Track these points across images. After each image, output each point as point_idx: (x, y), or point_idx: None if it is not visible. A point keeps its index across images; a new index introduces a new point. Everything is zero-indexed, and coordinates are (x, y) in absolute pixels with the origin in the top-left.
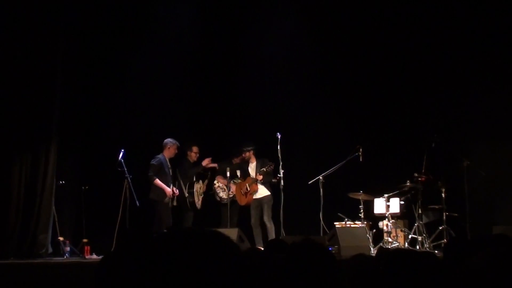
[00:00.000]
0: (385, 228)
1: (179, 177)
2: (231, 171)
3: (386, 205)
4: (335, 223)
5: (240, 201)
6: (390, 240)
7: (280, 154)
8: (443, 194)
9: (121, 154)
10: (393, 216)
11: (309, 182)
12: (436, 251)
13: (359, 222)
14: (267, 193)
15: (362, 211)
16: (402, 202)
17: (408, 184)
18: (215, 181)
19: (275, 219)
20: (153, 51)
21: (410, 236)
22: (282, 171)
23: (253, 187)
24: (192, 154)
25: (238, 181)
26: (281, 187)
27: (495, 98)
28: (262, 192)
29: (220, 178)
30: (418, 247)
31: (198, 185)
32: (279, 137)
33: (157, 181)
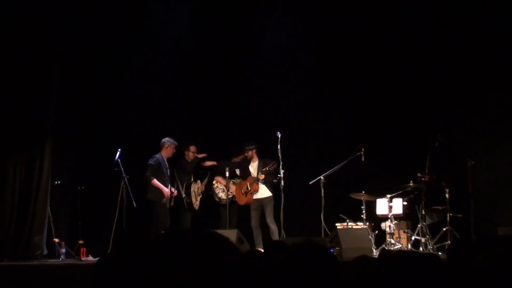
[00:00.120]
0: (388, 230)
1: (177, 177)
2: (231, 171)
3: (389, 206)
4: (337, 224)
5: (240, 201)
6: (393, 242)
7: (280, 154)
8: (447, 195)
9: (118, 154)
10: (396, 217)
11: (310, 182)
12: (440, 253)
13: (361, 223)
14: (269, 194)
15: (364, 212)
16: (405, 203)
17: (411, 185)
18: (214, 181)
19: (275, 220)
20: (151, 49)
21: (413, 238)
22: (282, 171)
23: (254, 187)
24: (190, 154)
25: (238, 181)
26: (281, 188)
27: (500, 97)
28: (264, 193)
29: (219, 178)
30: (422, 249)
31: (196, 186)
32: (279, 136)
33: (155, 181)
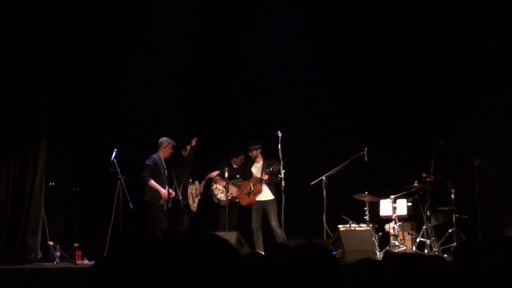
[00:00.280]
0: (392, 231)
1: (175, 178)
2: (232, 174)
3: (393, 207)
4: (339, 226)
5: (242, 201)
6: (397, 244)
7: (281, 154)
8: (453, 195)
9: (114, 154)
10: (400, 219)
11: (312, 183)
12: (446, 255)
13: (364, 225)
14: (271, 197)
15: (368, 213)
16: (410, 204)
17: (416, 185)
18: (213, 182)
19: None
20: (148, 47)
21: (418, 240)
22: (283, 172)
23: (257, 187)
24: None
25: (238, 182)
26: (282, 188)
27: (507, 94)
28: (267, 195)
29: (218, 179)
30: (427, 251)
31: (194, 187)
32: (280, 136)
33: (152, 182)
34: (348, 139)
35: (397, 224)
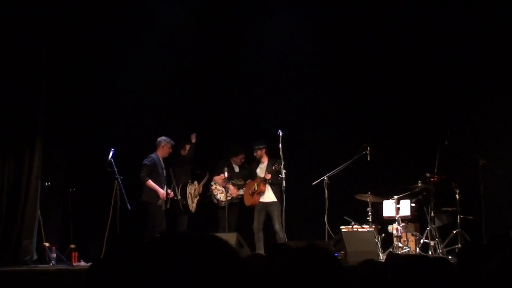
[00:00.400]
0: (395, 232)
1: (174, 178)
2: (235, 176)
3: (396, 208)
4: (341, 227)
5: (246, 201)
6: (400, 245)
7: (282, 153)
8: (457, 195)
9: (111, 154)
10: (404, 219)
11: (313, 183)
12: (450, 257)
13: (367, 226)
14: (275, 199)
15: (370, 214)
16: (413, 204)
17: (420, 185)
18: (212, 182)
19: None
20: (145, 45)
21: (422, 241)
22: (284, 171)
23: (261, 187)
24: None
25: (238, 182)
26: (283, 189)
27: None
28: (271, 197)
29: (218, 179)
30: (431, 253)
31: (193, 187)
32: (281, 135)
33: (150, 182)
34: (351, 138)
35: (401, 225)
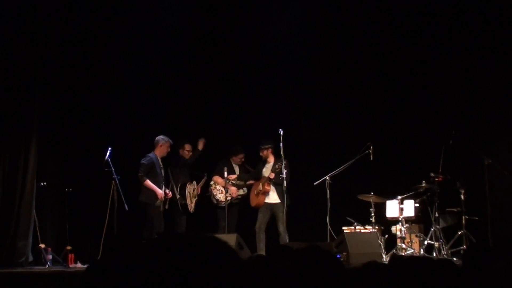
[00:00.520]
0: (399, 234)
1: (172, 178)
2: (243, 179)
3: (400, 208)
4: (344, 228)
5: (251, 202)
6: (404, 247)
7: (283, 152)
8: (462, 196)
9: (108, 153)
10: (407, 220)
11: (315, 183)
12: (455, 259)
13: (370, 227)
14: (279, 200)
15: (373, 215)
16: (417, 205)
17: (424, 185)
18: (212, 182)
19: (274, 223)
20: (143, 42)
21: (426, 242)
22: (285, 171)
23: (266, 187)
24: (185, 153)
25: (238, 182)
26: (284, 189)
27: None
28: (275, 197)
29: (218, 179)
30: (435, 254)
31: (192, 187)
32: (282, 134)
33: (148, 182)
34: (353, 137)
35: (404, 226)
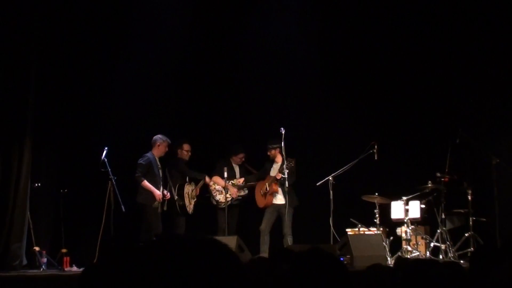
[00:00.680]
0: (404, 235)
1: (170, 178)
2: (250, 180)
3: (405, 209)
4: (347, 230)
5: (259, 203)
6: (410, 249)
7: (285, 152)
8: (469, 196)
9: (105, 153)
10: (413, 222)
11: (318, 184)
12: (462, 261)
13: (374, 229)
14: (284, 201)
15: (378, 216)
16: (423, 206)
17: (430, 185)
18: (211, 182)
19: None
20: (141, 43)
21: (432, 244)
22: (287, 171)
23: (273, 187)
24: (184, 153)
25: (238, 183)
26: (285, 189)
27: None
28: (282, 199)
29: (217, 179)
30: (441, 257)
31: (190, 187)
32: (283, 133)
33: (145, 183)
34: (357, 136)
35: (410, 228)
